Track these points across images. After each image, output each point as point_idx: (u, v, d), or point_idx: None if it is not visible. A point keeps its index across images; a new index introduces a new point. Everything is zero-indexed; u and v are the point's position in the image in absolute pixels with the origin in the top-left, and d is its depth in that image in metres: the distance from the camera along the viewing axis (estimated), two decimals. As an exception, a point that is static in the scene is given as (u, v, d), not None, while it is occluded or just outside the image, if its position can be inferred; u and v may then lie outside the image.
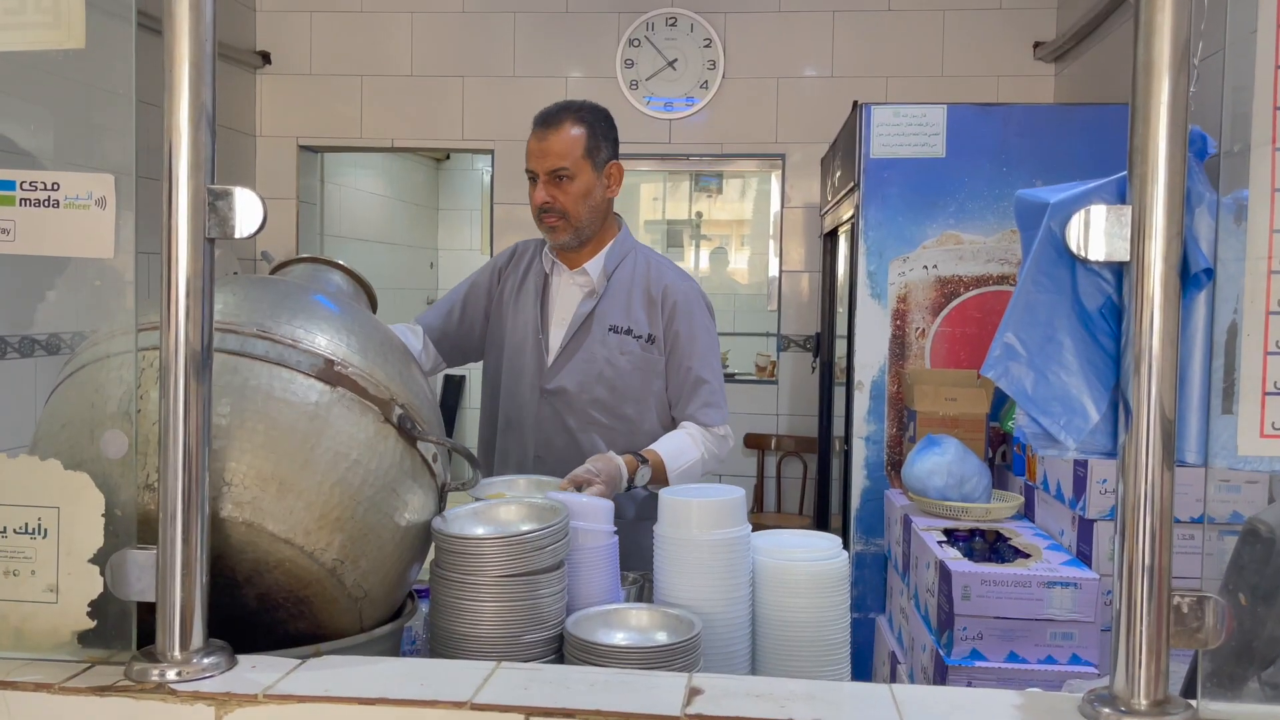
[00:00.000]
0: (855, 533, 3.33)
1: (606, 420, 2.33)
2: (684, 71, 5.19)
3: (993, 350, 1.14)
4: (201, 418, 1.19)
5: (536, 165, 2.27)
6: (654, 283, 2.37)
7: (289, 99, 5.38)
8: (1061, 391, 1.11)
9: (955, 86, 4.92)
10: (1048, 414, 1.11)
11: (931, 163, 3.26)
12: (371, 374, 1.40)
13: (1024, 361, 1.13)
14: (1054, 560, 2.35)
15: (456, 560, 1.44)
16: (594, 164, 2.28)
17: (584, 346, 2.33)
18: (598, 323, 2.33)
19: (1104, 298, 1.12)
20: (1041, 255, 1.14)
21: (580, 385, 2.31)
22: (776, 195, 5.32)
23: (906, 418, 3.23)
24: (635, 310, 2.34)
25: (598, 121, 2.30)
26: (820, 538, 1.69)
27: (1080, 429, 1.11)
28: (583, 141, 2.26)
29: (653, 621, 1.50)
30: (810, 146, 5.05)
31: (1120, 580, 1.09)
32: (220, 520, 1.27)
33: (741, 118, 5.19)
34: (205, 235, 1.18)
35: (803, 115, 5.14)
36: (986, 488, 2.79)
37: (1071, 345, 1.11)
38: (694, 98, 5.20)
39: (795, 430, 5.20)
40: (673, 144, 5.25)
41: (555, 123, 2.25)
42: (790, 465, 5.24)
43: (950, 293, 3.28)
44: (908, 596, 2.79)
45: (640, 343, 2.33)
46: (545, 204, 2.27)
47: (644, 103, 5.22)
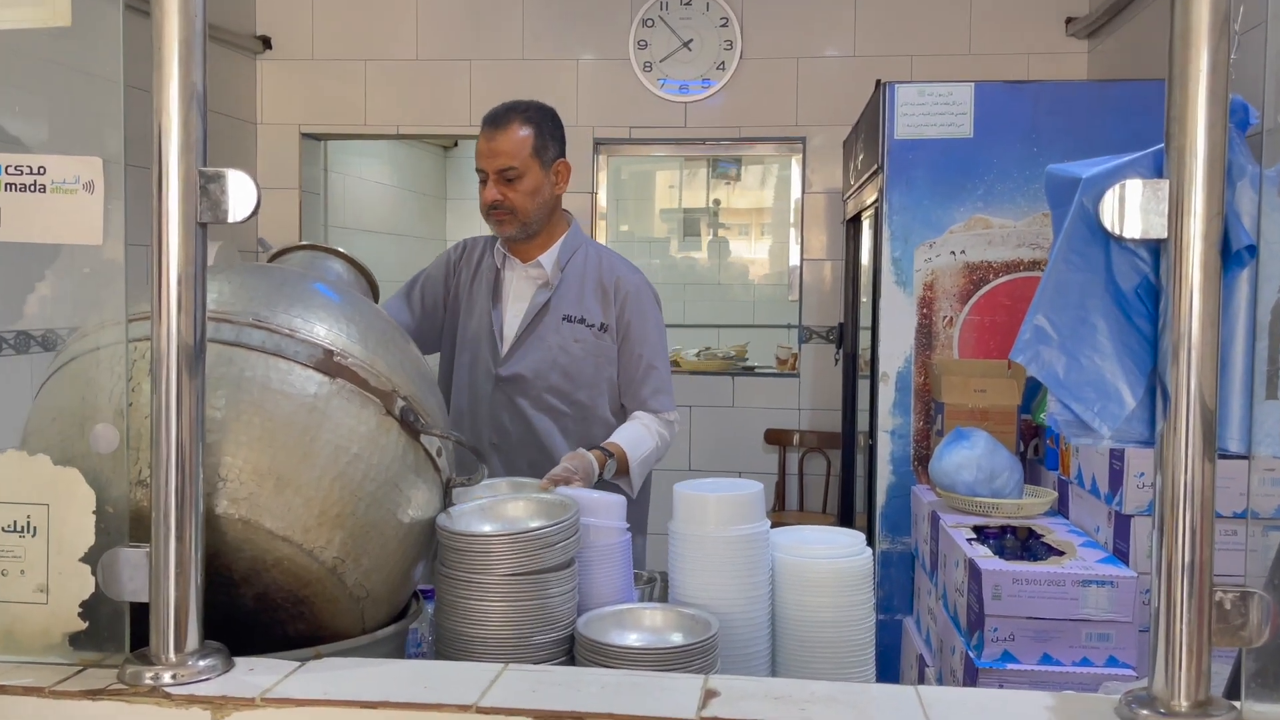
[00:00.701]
0: (881, 531, 3.31)
1: (561, 406, 2.48)
2: (700, 52, 5.17)
3: (1022, 333, 1.12)
4: (195, 411, 1.18)
5: (486, 164, 2.40)
6: (606, 275, 2.53)
7: (291, 85, 5.38)
8: (1095, 376, 1.09)
9: (983, 65, 4.89)
10: (1080, 400, 1.10)
11: (959, 143, 3.24)
12: (373, 365, 1.40)
13: (1055, 345, 1.11)
14: (1089, 558, 2.33)
15: (462, 558, 1.43)
16: (542, 163, 2.43)
17: (539, 335, 2.48)
18: (552, 312, 2.49)
19: (1140, 277, 1.10)
20: (1073, 233, 1.12)
21: (536, 372, 2.47)
22: (797, 180, 5.30)
23: (934, 410, 3.21)
24: (588, 301, 2.50)
25: (545, 121, 2.44)
26: (842, 534, 1.67)
27: (1115, 416, 1.09)
28: (530, 141, 2.40)
29: (668, 622, 1.49)
30: (832, 129, 5.03)
31: (1159, 576, 1.07)
32: (215, 517, 1.26)
33: (760, 100, 5.17)
34: (197, 220, 1.17)
35: (824, 97, 5.11)
36: (1018, 483, 2.77)
37: (1105, 328, 1.10)
38: (710, 79, 5.18)
39: (818, 425, 5.18)
40: (688, 128, 5.23)
41: (503, 123, 2.39)
42: (813, 462, 5.23)
43: (979, 279, 3.26)
44: (936, 597, 2.77)
45: (593, 331, 2.49)
46: (495, 202, 2.40)
47: (658, 85, 5.20)
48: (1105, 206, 1.07)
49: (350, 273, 1.72)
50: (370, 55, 5.33)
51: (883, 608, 3.28)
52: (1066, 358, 1.11)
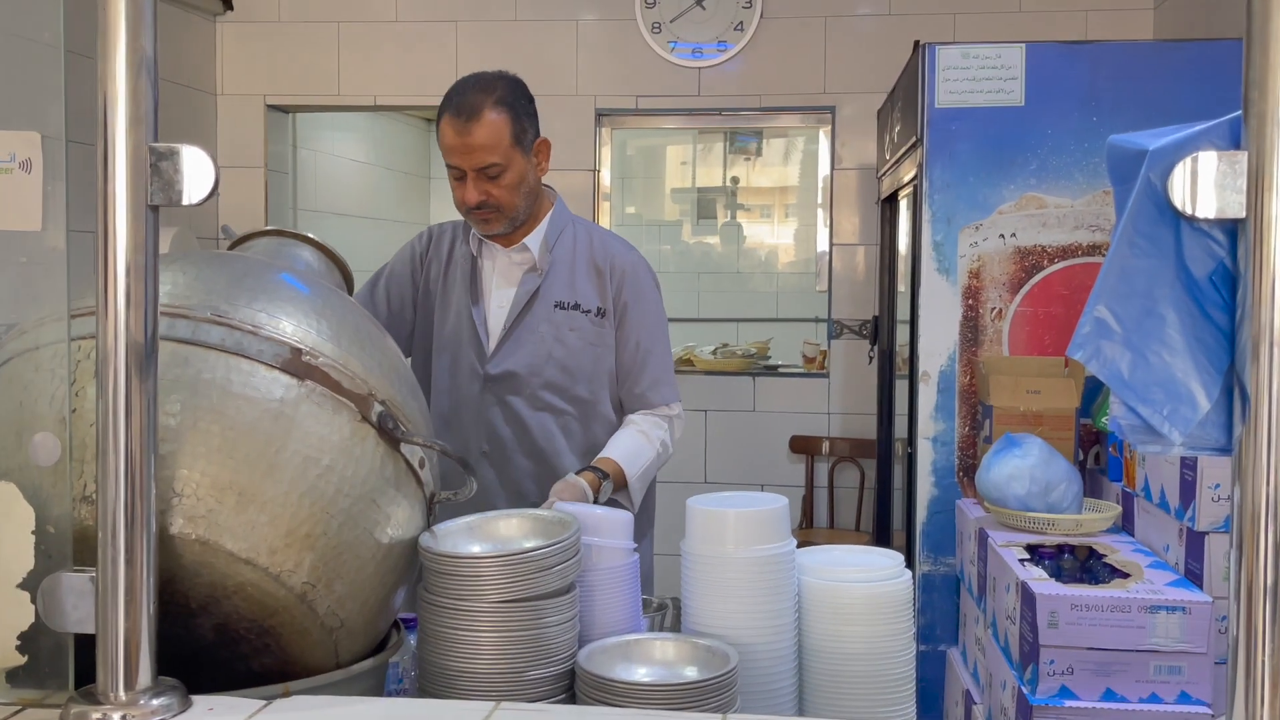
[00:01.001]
0: (922, 551, 3.30)
1: (560, 403, 2.48)
2: (715, 10, 5.17)
3: (1081, 326, 1.12)
4: (146, 418, 1.18)
5: (461, 161, 2.35)
6: (599, 254, 2.53)
7: (254, 51, 5.39)
8: (1164, 375, 1.09)
9: (1035, 24, 4.87)
10: (1147, 402, 1.09)
11: (1008, 112, 3.23)
12: (346, 365, 1.40)
13: (1119, 340, 1.10)
14: (1158, 580, 2.33)
15: (448, 583, 1.43)
16: (523, 149, 2.39)
17: (530, 326, 2.47)
18: (542, 300, 2.48)
19: (1215, 262, 1.09)
20: (1139, 213, 1.11)
21: (530, 367, 2.46)
22: (825, 155, 5.29)
23: (981, 414, 3.20)
24: (581, 284, 2.50)
25: (518, 99, 2.40)
26: (879, 554, 1.67)
27: (1187, 420, 1.08)
28: (508, 128, 2.35)
29: (681, 654, 1.49)
30: (865, 97, 5.02)
31: (1238, 600, 1.07)
32: (170, 538, 1.27)
33: (783, 65, 5.16)
34: (148, 202, 1.17)
35: (856, 61, 5.10)
36: (1076, 496, 2.76)
37: (1176, 320, 1.09)
38: (727, 42, 5.17)
39: (850, 431, 5.18)
40: (702, 96, 5.23)
41: (473, 113, 2.32)
42: (844, 473, 5.22)
43: (1032, 266, 3.25)
44: (984, 625, 2.77)
45: (589, 317, 2.49)
46: (479, 203, 2.37)
47: (668, 49, 5.20)
48: (1175, 182, 1.07)
49: (321, 261, 1.73)
50: (344, 17, 5.34)
51: (924, 637, 3.27)
52: (1132, 354, 1.10)
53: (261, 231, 1.71)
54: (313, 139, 6.17)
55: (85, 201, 1.19)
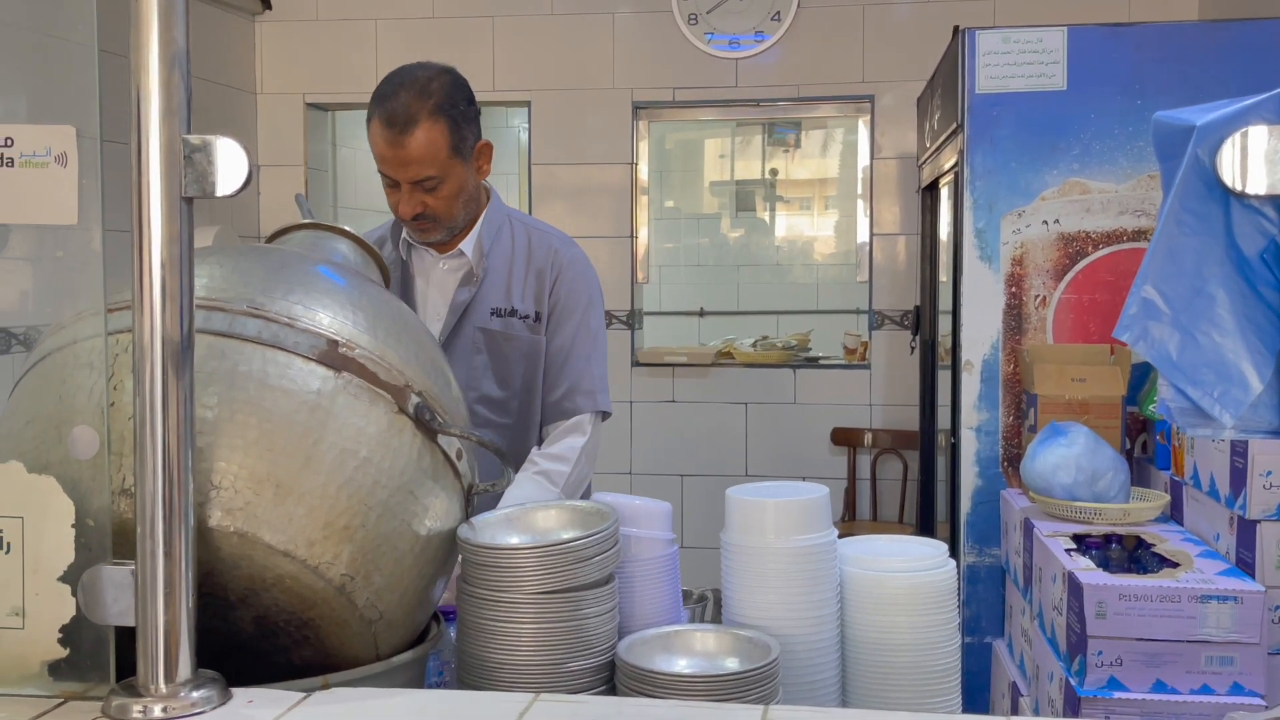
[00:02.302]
0: (966, 542, 3.27)
1: (496, 417, 2.37)
2: (752, 1, 5.14)
3: (1128, 307, 1.09)
4: (183, 411, 1.18)
5: (395, 173, 2.21)
6: (538, 252, 2.41)
7: (294, 50, 5.42)
8: (1214, 356, 1.06)
9: (1078, 7, 4.81)
10: (1197, 384, 1.06)
11: (1050, 96, 3.19)
12: (383, 356, 1.39)
13: (1167, 320, 1.08)
14: (1208, 570, 2.29)
15: (487, 574, 1.42)
16: (462, 158, 2.25)
17: (466, 337, 2.36)
18: (478, 307, 2.36)
19: (1266, 240, 1.07)
20: (1187, 189, 1.09)
21: (466, 380, 2.32)
22: (865, 145, 5.25)
23: (1025, 404, 3.16)
24: (518, 288, 2.39)
25: (457, 102, 2.23)
26: (922, 544, 1.65)
27: (1238, 402, 1.06)
28: (446, 139, 2.19)
29: (721, 646, 1.48)
30: (905, 85, 4.98)
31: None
32: (208, 530, 1.26)
33: (821, 54, 5.13)
34: (182, 194, 1.17)
35: (895, 49, 5.06)
36: (1124, 484, 2.73)
37: (1226, 299, 1.06)
38: (764, 32, 5.15)
39: (892, 423, 5.14)
40: (740, 88, 5.20)
41: (408, 124, 2.16)
42: (887, 464, 5.19)
43: (1076, 252, 3.20)
44: (1030, 616, 2.73)
45: (527, 324, 2.38)
46: (416, 214, 2.26)
47: (705, 40, 5.18)
48: (1224, 158, 1.04)
49: (358, 254, 1.72)
50: (381, 14, 5.36)
51: (969, 629, 3.24)
52: (1180, 334, 1.08)
53: (298, 225, 1.71)
54: (352, 137, 6.20)
55: (121, 200, 1.19)
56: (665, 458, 5.28)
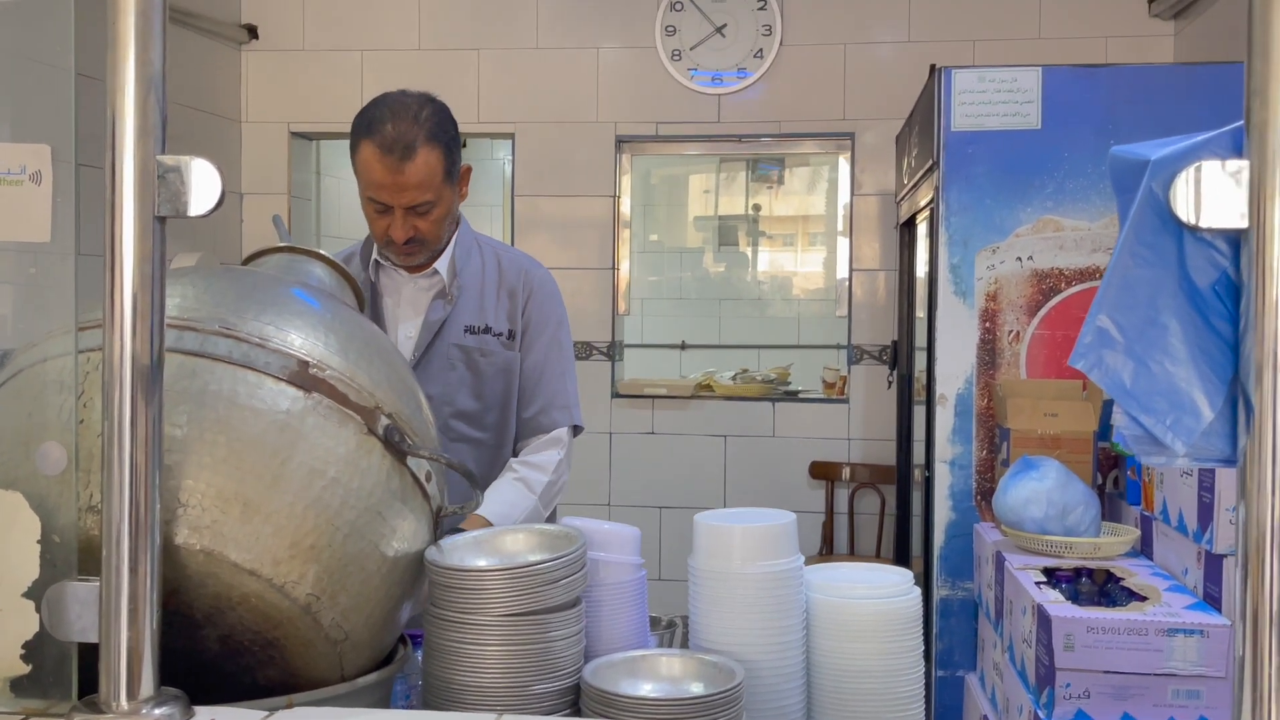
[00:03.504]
0: (939, 575, 3.28)
1: (474, 432, 2.40)
2: (735, 39, 5.19)
3: (1083, 336, 1.11)
4: (152, 428, 1.19)
5: (392, 199, 2.23)
6: (510, 274, 2.46)
7: (279, 79, 5.45)
8: (1167, 385, 1.08)
9: (1055, 50, 4.87)
10: (1150, 411, 1.08)
11: (1025, 135, 3.23)
12: (353, 378, 1.40)
13: (1121, 349, 1.09)
14: (1176, 604, 2.30)
15: (454, 596, 1.43)
16: (452, 183, 2.30)
17: (440, 353, 2.39)
18: (452, 325, 2.40)
19: (1218, 272, 1.08)
20: (1141, 222, 1.10)
21: (443, 396, 2.36)
22: (845, 181, 5.29)
23: (999, 437, 3.18)
24: (490, 307, 2.43)
25: (446, 128, 2.28)
26: (888, 571, 1.66)
27: (1190, 430, 1.07)
28: (442, 163, 2.24)
29: (687, 670, 1.48)
30: (884, 124, 5.03)
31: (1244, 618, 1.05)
32: (175, 548, 1.27)
33: (803, 92, 5.18)
34: (155, 213, 1.18)
35: (875, 88, 5.11)
36: (1095, 519, 2.74)
37: (1179, 329, 1.08)
38: (746, 70, 5.19)
39: (870, 457, 5.16)
40: (722, 123, 5.25)
41: (408, 151, 2.19)
42: (865, 499, 5.20)
43: (1049, 288, 3.23)
44: (1001, 649, 2.74)
45: (500, 340, 2.42)
46: (407, 238, 2.28)
47: (688, 76, 5.22)
48: (1177, 192, 1.06)
49: (333, 278, 1.73)
50: (367, 45, 5.39)
51: (942, 663, 3.24)
52: (1134, 363, 1.09)
53: (274, 248, 1.72)
54: (337, 166, 6.22)
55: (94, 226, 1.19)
56: (644, 489, 5.28)
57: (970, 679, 3.17)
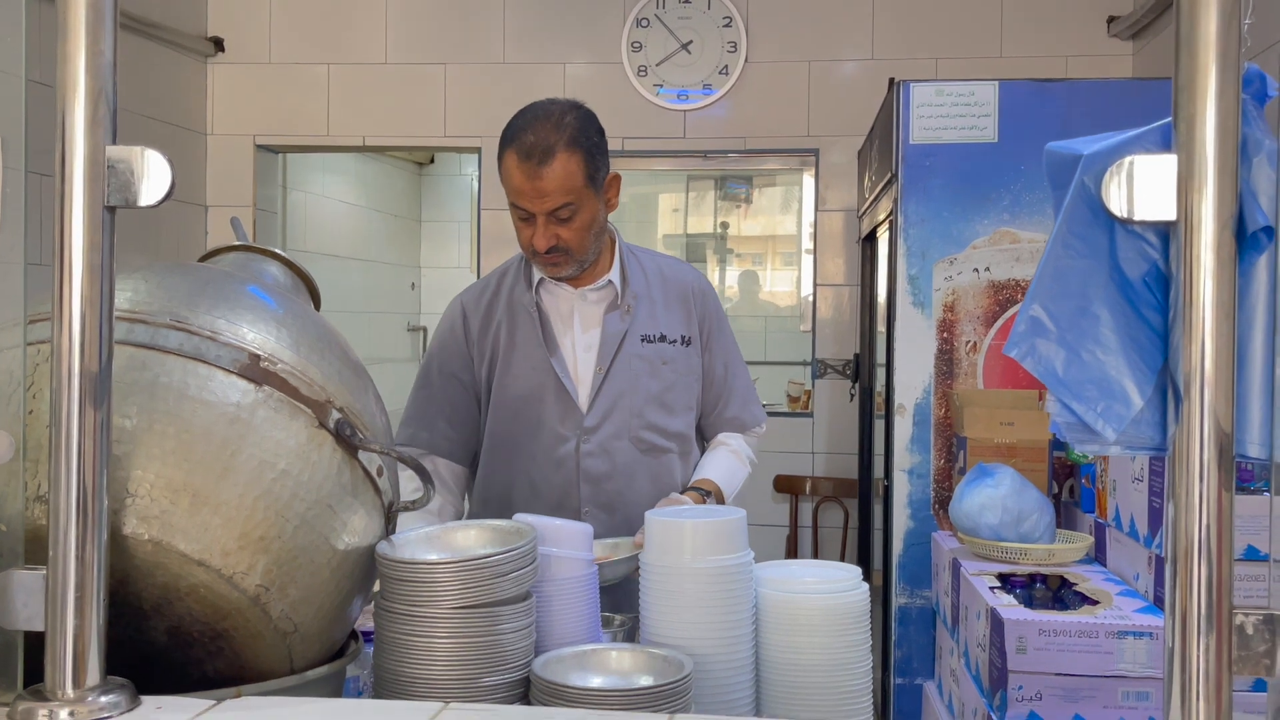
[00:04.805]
0: (898, 583, 3.30)
1: (663, 442, 2.43)
2: (700, 55, 5.23)
3: (1016, 326, 1.13)
4: (100, 418, 1.19)
5: (533, 205, 2.23)
6: (675, 282, 2.51)
7: (245, 91, 5.44)
8: (1098, 373, 1.10)
9: (1016, 68, 4.93)
10: (1081, 399, 1.10)
11: (982, 148, 3.27)
12: (304, 372, 1.41)
13: (1053, 338, 1.12)
14: (1126, 607, 2.33)
15: (403, 589, 1.43)
16: (596, 188, 2.28)
17: (624, 366, 2.39)
18: (629, 337, 2.41)
19: (1148, 264, 1.11)
20: (1073, 215, 1.13)
21: (633, 409, 2.39)
22: (810, 197, 5.34)
23: (956, 446, 3.22)
24: (661, 314, 2.45)
25: (590, 134, 2.26)
26: (836, 568, 1.68)
27: (1121, 417, 1.10)
28: (582, 170, 2.22)
29: (636, 664, 1.49)
30: (848, 140, 5.07)
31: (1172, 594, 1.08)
32: (123, 538, 1.27)
33: (767, 108, 5.22)
34: (105, 203, 1.19)
35: (839, 104, 5.16)
36: (1049, 526, 2.77)
37: (1109, 319, 1.11)
38: (712, 86, 5.23)
39: (834, 471, 5.18)
40: (688, 139, 5.28)
41: (546, 155, 2.18)
42: (829, 512, 5.22)
43: (1005, 299, 3.27)
44: (958, 655, 2.76)
45: (677, 347, 2.45)
46: (550, 247, 2.26)
47: (654, 92, 5.26)
48: (1109, 186, 1.09)
49: (289, 278, 1.74)
50: (334, 58, 5.40)
51: (900, 671, 3.26)
52: (1066, 352, 1.12)
53: (229, 247, 1.73)
54: (303, 180, 6.22)
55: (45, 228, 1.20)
56: (608, 503, 5.28)
57: (928, 687, 3.19)
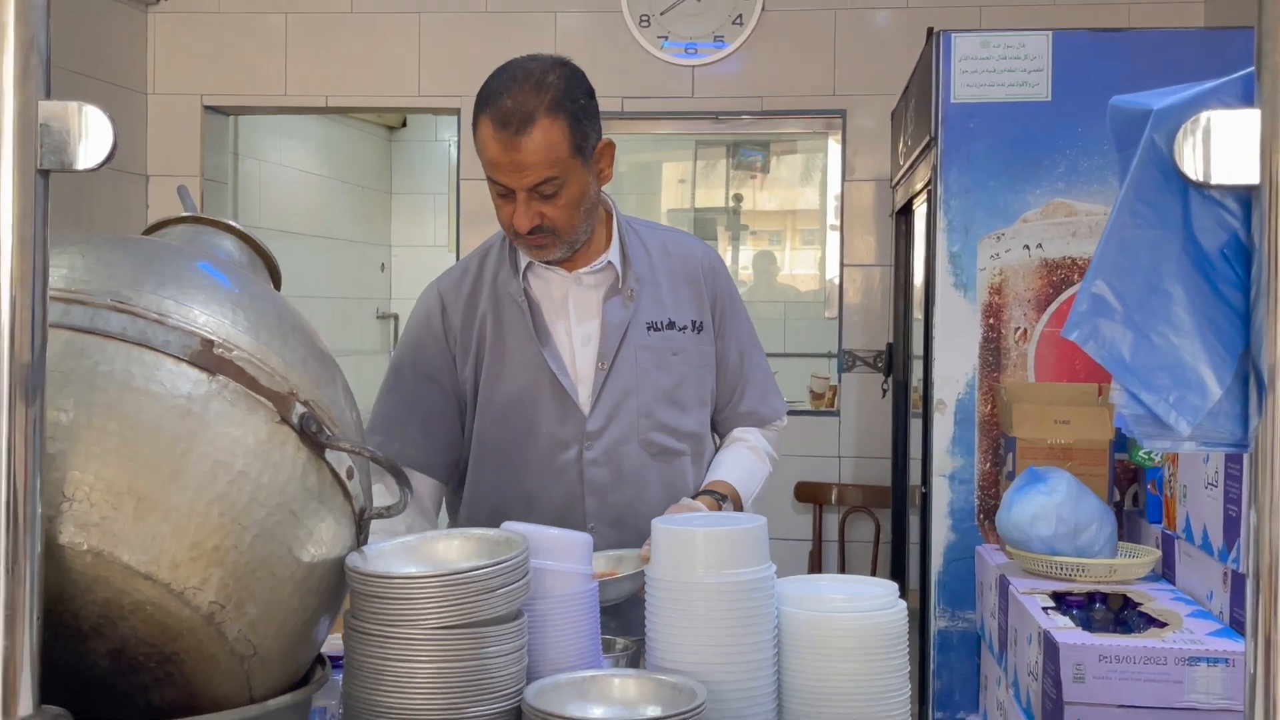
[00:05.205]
0: (938, 604, 3.31)
1: (675, 444, 2.42)
2: (710, 2, 5.23)
3: (1077, 305, 1.13)
4: (33, 413, 1.19)
5: (510, 180, 2.19)
6: (682, 259, 2.48)
7: (191, 46, 5.44)
8: (1170, 358, 1.10)
9: (1071, 16, 4.93)
10: (1151, 388, 1.10)
11: (1033, 108, 3.27)
12: (264, 359, 1.41)
13: (1119, 319, 1.12)
14: (1198, 630, 2.33)
15: (377, 607, 1.44)
16: (584, 158, 2.24)
17: (628, 361, 2.37)
18: (633, 325, 2.38)
19: (1227, 234, 1.11)
20: (1142, 179, 1.13)
21: (642, 409, 2.36)
22: (836, 166, 5.33)
23: (1003, 448, 3.22)
24: (668, 297, 2.43)
25: (576, 95, 2.23)
26: (869, 583, 1.68)
27: (1196, 408, 1.10)
28: (566, 137, 2.18)
29: (642, 692, 1.50)
30: (880, 100, 5.06)
31: (1254, 636, 1.08)
32: (58, 548, 1.28)
33: (787, 63, 5.22)
34: (38, 166, 1.19)
35: (870, 59, 5.15)
36: (1110, 538, 2.77)
37: (1183, 297, 1.11)
38: (724, 39, 5.23)
39: (864, 478, 5.19)
40: (696, 98, 5.28)
41: (524, 122, 2.14)
42: (857, 525, 5.22)
43: (1060, 280, 3.27)
44: (1005, 686, 2.77)
45: (687, 334, 2.42)
46: (533, 227, 2.23)
47: (658, 44, 5.25)
48: (1181, 145, 1.09)
49: (245, 253, 1.75)
50: (292, 7, 5.39)
51: (941, 703, 3.27)
52: (1134, 334, 1.12)
53: (177, 218, 1.73)
54: (257, 147, 6.22)
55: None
56: (606, 514, 5.28)
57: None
